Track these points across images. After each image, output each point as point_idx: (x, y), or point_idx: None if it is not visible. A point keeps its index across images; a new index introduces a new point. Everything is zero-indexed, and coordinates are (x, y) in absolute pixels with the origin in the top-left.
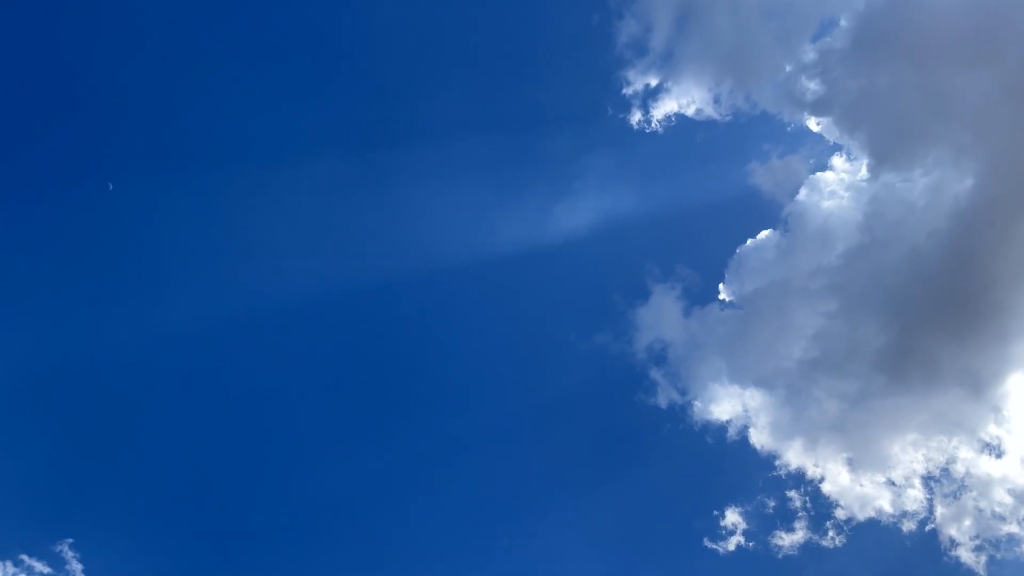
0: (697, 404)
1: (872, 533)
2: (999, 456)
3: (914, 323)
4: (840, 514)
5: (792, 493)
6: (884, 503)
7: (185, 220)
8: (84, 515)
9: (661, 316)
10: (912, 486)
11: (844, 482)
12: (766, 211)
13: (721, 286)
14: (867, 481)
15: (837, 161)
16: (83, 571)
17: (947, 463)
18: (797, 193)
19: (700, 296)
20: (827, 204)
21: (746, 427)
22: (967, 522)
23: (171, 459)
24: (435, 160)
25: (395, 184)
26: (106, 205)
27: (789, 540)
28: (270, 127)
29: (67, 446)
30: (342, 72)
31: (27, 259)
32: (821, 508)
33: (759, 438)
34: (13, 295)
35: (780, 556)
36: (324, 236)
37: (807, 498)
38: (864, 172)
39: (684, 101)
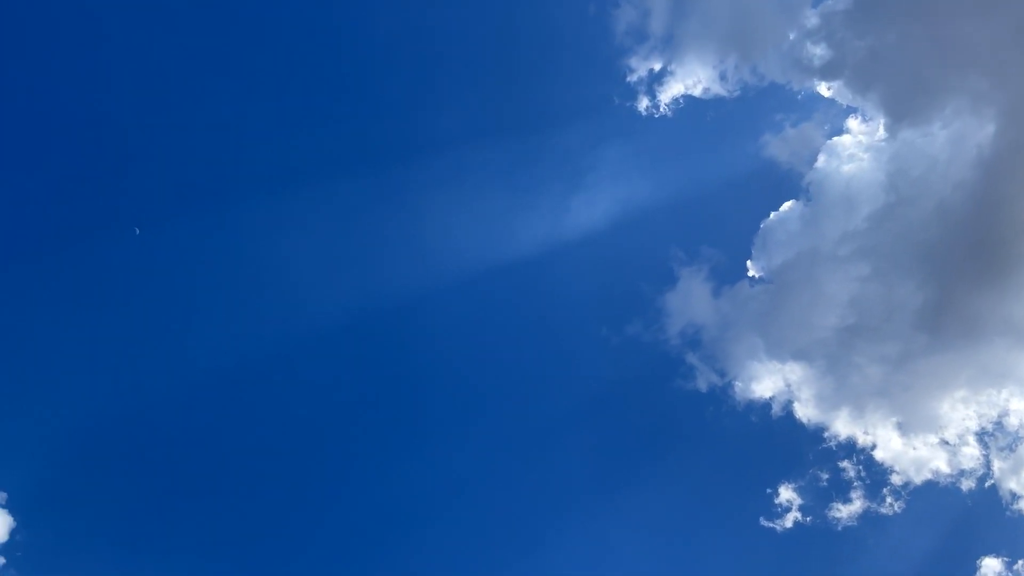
0: (738, 384)
1: (931, 496)
2: None
3: (950, 278)
4: (896, 480)
5: (845, 463)
6: (940, 464)
7: (210, 253)
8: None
9: (691, 300)
10: (967, 443)
11: (896, 447)
12: (786, 182)
13: (749, 263)
14: (920, 443)
15: (853, 124)
16: None
17: (999, 416)
18: (815, 161)
19: (728, 275)
20: (847, 168)
21: (790, 402)
22: None
23: (219, 490)
24: (448, 169)
25: (412, 197)
26: (137, 249)
27: (847, 511)
28: (281, 152)
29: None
30: (346, 91)
31: (63, 307)
32: (876, 476)
33: (804, 411)
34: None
35: (839, 528)
36: (351, 255)
37: (860, 467)
38: (882, 132)
39: (690, 82)
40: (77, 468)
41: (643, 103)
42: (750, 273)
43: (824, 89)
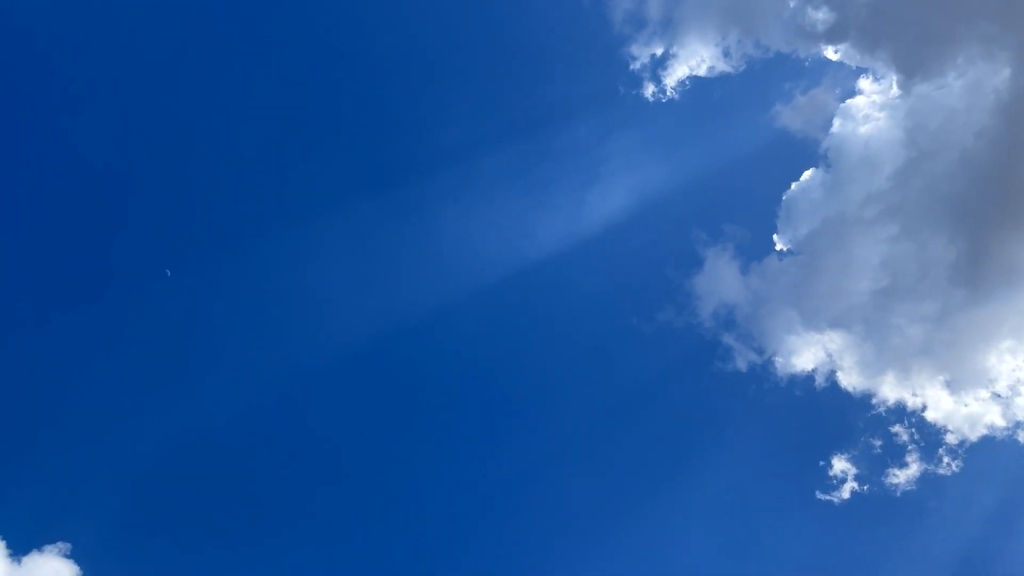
0: (778, 359)
1: (989, 451)
2: None
3: (982, 228)
4: (951, 439)
5: (897, 428)
6: (994, 418)
7: (241, 285)
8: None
9: (719, 280)
10: (1019, 394)
11: (947, 406)
12: (804, 151)
13: (775, 236)
14: (971, 399)
15: (864, 84)
16: None
17: None
18: (831, 126)
19: (755, 251)
20: (864, 129)
21: (833, 372)
22: None
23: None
24: (462, 177)
25: (430, 209)
26: (168, 291)
27: (904, 476)
28: (298, 179)
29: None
30: (354, 111)
31: (109, 354)
32: (930, 437)
33: (849, 379)
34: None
35: (898, 494)
36: (380, 272)
37: (913, 430)
38: (895, 89)
39: (694, 62)
40: (138, 517)
41: (649, 89)
42: (777, 246)
43: (831, 53)
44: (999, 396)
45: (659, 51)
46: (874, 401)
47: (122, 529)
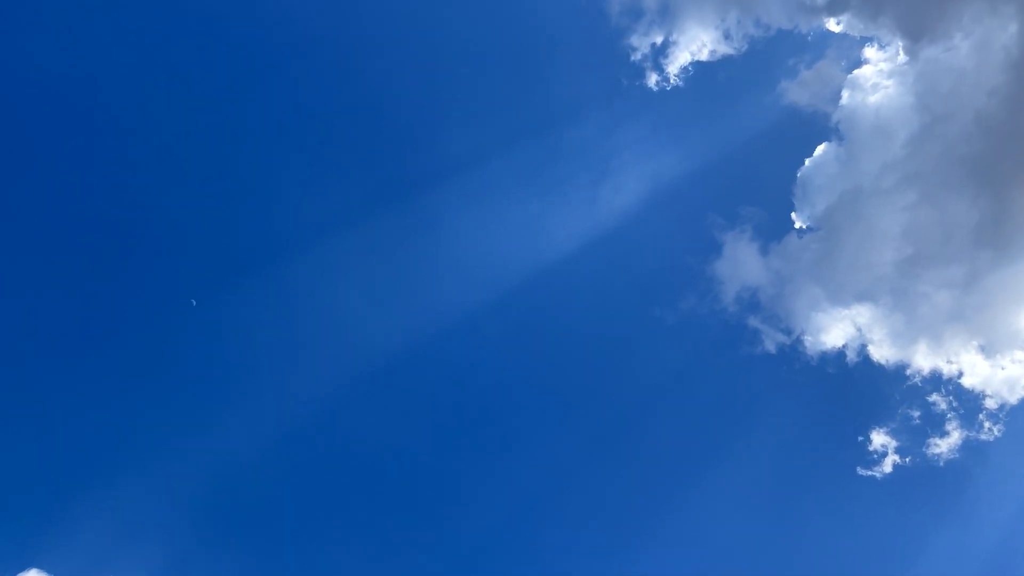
0: (807, 338)
1: None
2: None
3: (1003, 187)
4: (990, 404)
5: (934, 397)
6: None
7: (269, 309)
8: None
9: (740, 263)
10: None
11: (984, 370)
12: (814, 126)
13: (793, 215)
14: (1007, 362)
15: (870, 53)
16: None
17: None
18: (839, 98)
19: (773, 231)
20: (874, 99)
21: (863, 346)
22: None
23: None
24: (474, 184)
25: (447, 219)
26: (196, 320)
27: (946, 444)
28: (313, 200)
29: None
30: (361, 127)
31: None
32: (969, 403)
33: (880, 352)
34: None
35: (942, 463)
36: (404, 285)
37: (951, 397)
38: (902, 55)
39: (695, 47)
40: (185, 544)
41: (652, 79)
42: (796, 224)
43: (833, 25)
44: None
45: (659, 40)
46: (908, 372)
47: (168, 560)
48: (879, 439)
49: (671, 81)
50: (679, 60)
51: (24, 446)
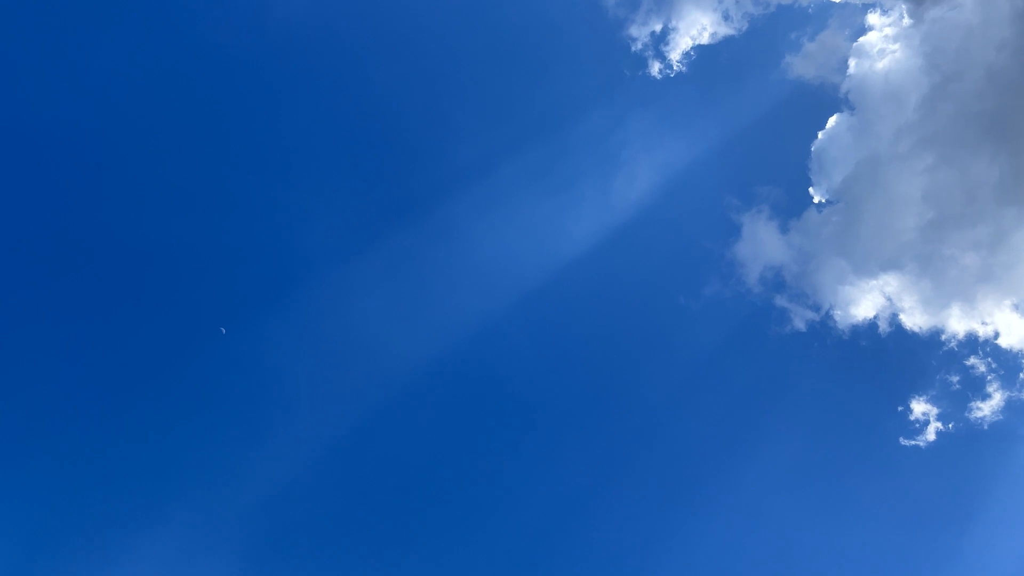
0: (837, 313)
1: None
2: None
3: (1021, 142)
4: None
5: (972, 360)
6: None
7: (294, 332)
8: None
9: (760, 243)
10: None
11: (1020, 329)
12: (824, 98)
13: (810, 189)
14: None
15: (874, 19)
16: None
17: None
18: (847, 68)
19: (792, 208)
20: (882, 64)
21: (895, 315)
22: None
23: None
24: (488, 189)
25: (464, 226)
26: (224, 347)
27: (989, 407)
28: (326, 219)
29: None
30: (368, 141)
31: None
32: (1008, 363)
33: (913, 320)
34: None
35: (986, 427)
36: (429, 296)
37: (989, 359)
38: (906, 18)
39: (695, 32)
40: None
41: (655, 67)
42: (815, 199)
43: None
44: None
45: (658, 27)
46: (943, 337)
47: None
48: (920, 408)
49: (674, 68)
50: (680, 46)
51: (67, 478)
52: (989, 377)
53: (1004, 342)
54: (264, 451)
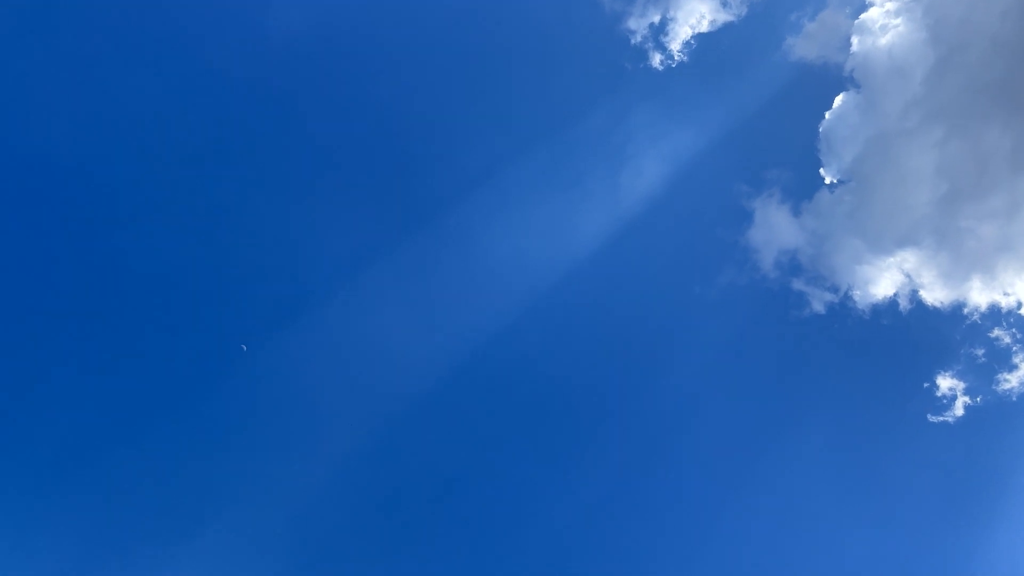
0: (855, 293)
1: None
2: None
3: None
4: None
5: (996, 332)
6: None
7: (314, 348)
8: None
9: (773, 228)
10: None
11: None
12: (828, 78)
13: (821, 170)
14: None
15: None
16: None
17: None
18: (849, 46)
19: (803, 190)
20: (885, 40)
21: (915, 291)
22: None
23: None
24: (497, 192)
25: (476, 230)
26: (246, 364)
27: (1016, 378)
28: (339, 231)
29: None
30: (374, 156)
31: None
32: None
33: (933, 295)
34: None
35: (1014, 398)
36: (447, 302)
37: (1014, 330)
38: None
39: (694, 20)
40: None
41: (656, 59)
42: (826, 180)
43: None
44: None
45: (656, 19)
46: (966, 311)
47: None
48: (946, 383)
49: (675, 58)
50: (680, 36)
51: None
52: (1015, 348)
53: None
54: (291, 463)
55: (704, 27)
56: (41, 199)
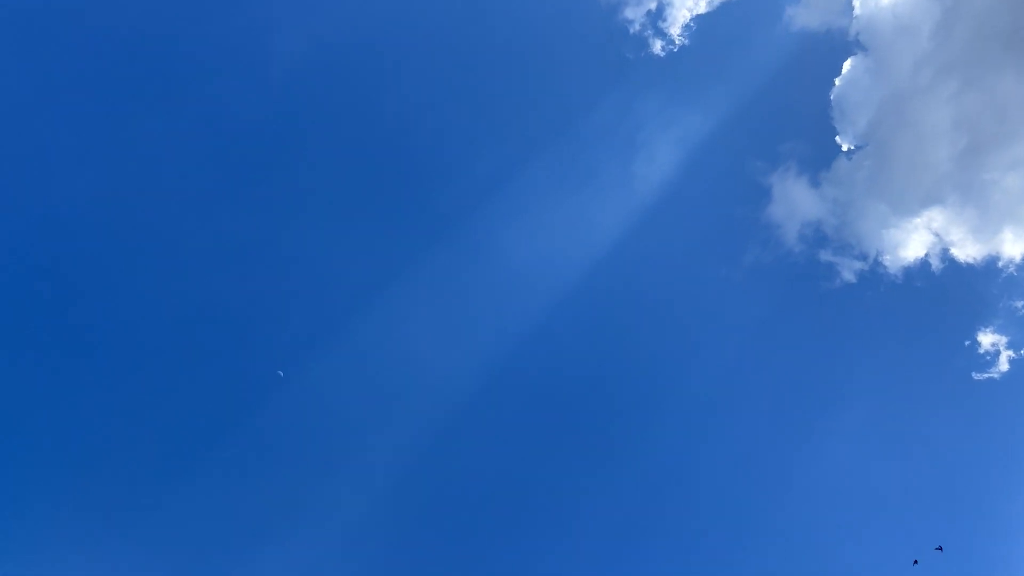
0: (885, 258)
1: None
2: None
3: None
4: None
5: None
6: None
7: (353, 363)
8: None
9: (793, 200)
10: None
11: None
12: (834, 44)
13: (836, 138)
14: None
15: None
16: None
17: None
18: (852, 10)
19: (820, 160)
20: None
21: (945, 250)
22: None
23: None
24: (515, 193)
25: (499, 233)
26: (281, 387)
27: None
28: (365, 253)
29: None
30: (390, 172)
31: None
32: None
33: (965, 251)
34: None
35: None
36: (480, 307)
37: None
38: None
39: (691, 2)
40: None
41: (656, 45)
42: (843, 147)
43: None
44: None
45: (652, 5)
46: (1000, 264)
47: None
48: (987, 339)
49: (676, 42)
50: (679, 20)
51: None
52: None
53: None
54: (340, 479)
55: (702, 8)
56: (92, 246)
